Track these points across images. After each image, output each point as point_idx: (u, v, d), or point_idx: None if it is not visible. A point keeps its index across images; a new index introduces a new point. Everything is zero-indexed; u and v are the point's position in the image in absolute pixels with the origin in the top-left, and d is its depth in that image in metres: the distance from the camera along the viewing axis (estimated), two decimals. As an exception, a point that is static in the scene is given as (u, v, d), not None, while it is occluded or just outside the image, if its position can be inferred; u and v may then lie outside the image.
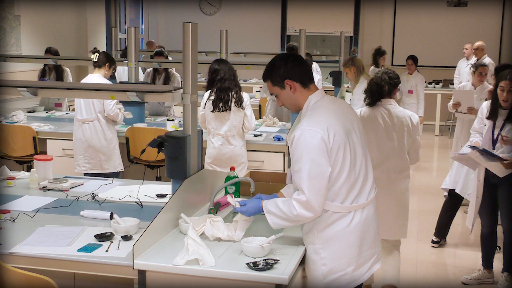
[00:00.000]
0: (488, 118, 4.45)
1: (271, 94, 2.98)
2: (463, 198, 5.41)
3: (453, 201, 5.41)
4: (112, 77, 6.09)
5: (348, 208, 2.76)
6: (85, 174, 5.25)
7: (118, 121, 5.55)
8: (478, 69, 6.27)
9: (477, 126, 4.66)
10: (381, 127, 4.11)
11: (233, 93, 4.90)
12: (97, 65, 5.37)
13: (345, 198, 2.76)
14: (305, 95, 2.83)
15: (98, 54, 5.42)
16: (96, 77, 5.32)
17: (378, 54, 9.21)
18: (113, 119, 5.46)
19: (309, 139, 2.67)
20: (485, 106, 4.57)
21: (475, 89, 6.28)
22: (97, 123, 5.37)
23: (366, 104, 4.23)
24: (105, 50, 5.85)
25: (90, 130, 5.36)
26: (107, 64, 5.39)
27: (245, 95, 5.02)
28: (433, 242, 5.47)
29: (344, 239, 2.77)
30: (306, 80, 2.83)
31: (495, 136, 4.35)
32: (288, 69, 2.82)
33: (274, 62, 2.88)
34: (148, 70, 7.31)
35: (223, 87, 4.87)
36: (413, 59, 8.82)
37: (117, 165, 5.47)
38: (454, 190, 5.29)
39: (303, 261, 2.80)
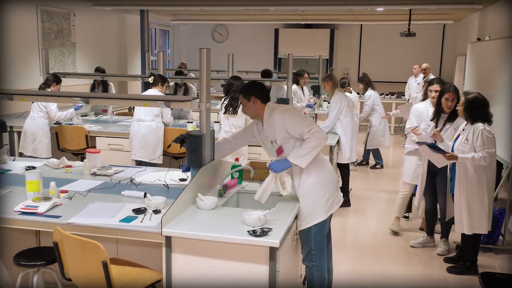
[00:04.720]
0: (431, 119, 4.45)
1: (240, 104, 3.31)
2: None
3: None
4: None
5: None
6: (136, 161, 5.40)
7: (169, 124, 5.72)
8: (426, 84, 6.27)
9: (422, 127, 4.64)
10: None
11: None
12: (153, 84, 5.49)
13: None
14: (262, 107, 3.14)
15: (153, 77, 5.53)
16: (153, 91, 5.43)
17: (298, 75, 7.70)
18: (167, 123, 5.61)
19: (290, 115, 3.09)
20: (430, 112, 4.55)
21: (423, 99, 6.25)
22: (153, 123, 5.42)
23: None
24: (160, 73, 5.93)
25: (145, 128, 5.40)
26: (159, 83, 5.49)
27: None
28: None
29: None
30: (264, 99, 3.15)
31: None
32: (255, 90, 3.14)
33: (248, 84, 3.20)
34: (171, 84, 7.27)
35: (234, 97, 4.95)
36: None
37: (159, 158, 5.47)
38: None
39: (290, 231, 2.81)
